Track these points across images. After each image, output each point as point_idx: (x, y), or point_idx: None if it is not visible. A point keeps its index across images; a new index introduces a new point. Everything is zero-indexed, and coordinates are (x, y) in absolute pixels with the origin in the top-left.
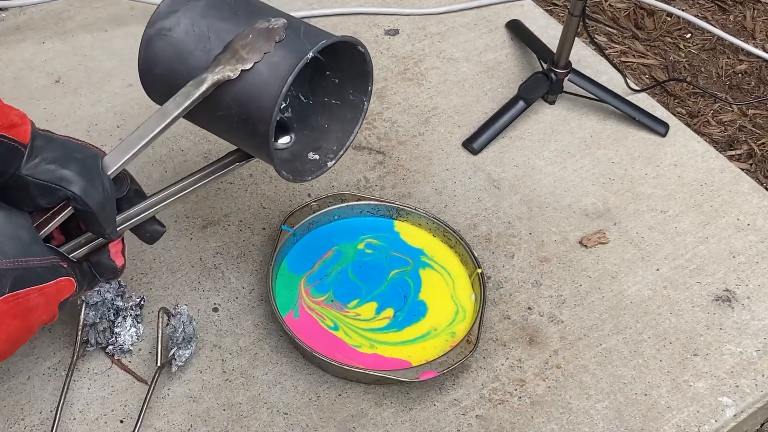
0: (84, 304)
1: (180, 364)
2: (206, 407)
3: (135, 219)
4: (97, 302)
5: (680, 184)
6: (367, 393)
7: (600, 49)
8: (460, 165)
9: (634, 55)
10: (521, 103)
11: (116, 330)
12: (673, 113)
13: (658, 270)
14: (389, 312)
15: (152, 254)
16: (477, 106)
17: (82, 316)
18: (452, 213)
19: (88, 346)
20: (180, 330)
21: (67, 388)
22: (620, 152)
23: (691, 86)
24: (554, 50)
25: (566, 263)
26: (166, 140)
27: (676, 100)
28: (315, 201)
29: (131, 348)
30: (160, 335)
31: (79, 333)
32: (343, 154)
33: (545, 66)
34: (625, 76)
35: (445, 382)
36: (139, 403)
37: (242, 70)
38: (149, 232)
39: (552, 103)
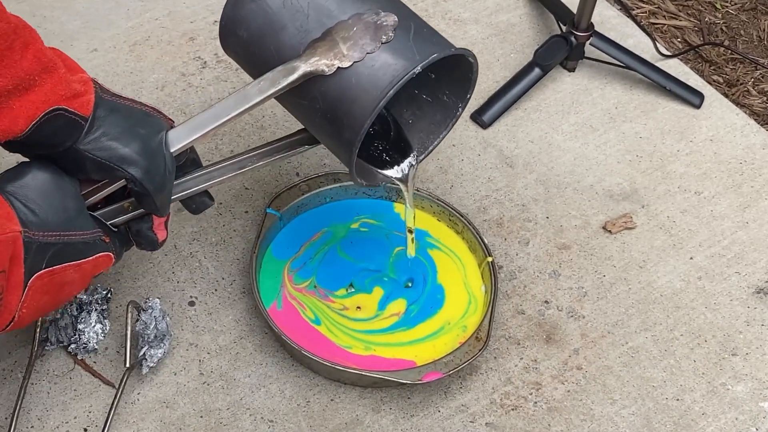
0: None
1: (151, 365)
2: (181, 414)
3: (188, 191)
4: None
5: (716, 162)
6: (362, 398)
7: (626, 10)
8: (467, 140)
9: (664, 16)
10: (537, 71)
11: (79, 326)
12: (708, 82)
13: (691, 259)
14: (399, 306)
15: None
16: (487, 74)
17: None
18: (459, 194)
19: (48, 344)
20: (151, 326)
21: (24, 393)
22: (649, 126)
23: (729, 51)
24: (574, 10)
25: (588, 251)
26: (162, 98)
27: (712, 67)
28: (304, 181)
29: (96, 347)
30: (128, 332)
31: (38, 330)
32: (423, 159)
33: (564, 28)
34: (654, 40)
35: (451, 386)
36: (105, 409)
37: (339, 67)
38: (196, 203)
39: (572, 70)
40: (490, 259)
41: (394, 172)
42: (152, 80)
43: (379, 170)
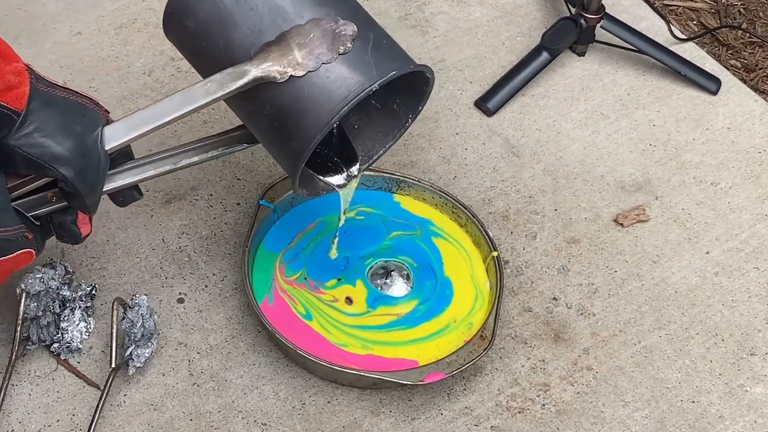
0: (24, 294)
1: (138, 365)
2: (169, 417)
3: (117, 185)
4: (39, 292)
5: (734, 151)
6: (361, 400)
7: None
8: (472, 128)
9: None
10: (545, 55)
11: (62, 325)
12: (725, 66)
13: (707, 253)
14: (408, 306)
15: (105, 234)
16: (492, 58)
17: (21, 308)
18: (463, 185)
19: (29, 344)
20: (138, 325)
21: (4, 395)
22: (663, 113)
23: (748, 34)
24: None
25: (598, 245)
26: (122, 99)
27: (730, 51)
28: None
29: (80, 346)
30: (114, 331)
31: (19, 329)
32: (365, 169)
33: (573, 10)
34: (668, 23)
35: (455, 387)
36: (89, 411)
37: (292, 75)
38: (124, 196)
39: (582, 54)
40: (495, 253)
41: (336, 180)
42: (139, 65)
43: (321, 176)
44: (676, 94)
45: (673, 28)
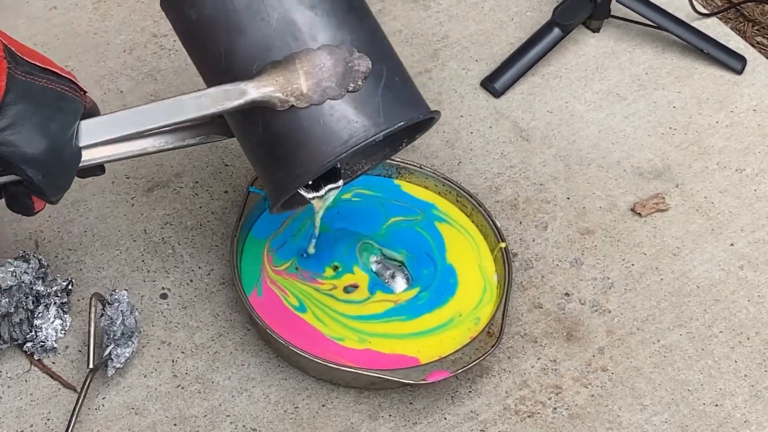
0: None
1: (118, 366)
2: (152, 421)
3: (81, 163)
4: (11, 287)
5: (761, 135)
6: (358, 403)
7: None
8: (478, 110)
9: None
10: (557, 31)
11: (36, 322)
12: (751, 44)
13: (732, 245)
14: (407, 295)
15: (82, 225)
16: (500, 35)
17: None
18: (468, 172)
19: (1, 342)
20: (118, 322)
21: None
22: (684, 94)
23: None
24: None
25: (614, 236)
26: (101, 79)
27: (756, 27)
28: None
29: (55, 345)
30: (92, 329)
31: None
32: (345, 184)
33: None
34: None
35: (459, 389)
36: (65, 416)
37: (293, 106)
38: (84, 170)
39: (596, 30)
40: (503, 245)
41: (312, 194)
42: (119, 42)
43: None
44: (698, 74)
45: (695, 2)
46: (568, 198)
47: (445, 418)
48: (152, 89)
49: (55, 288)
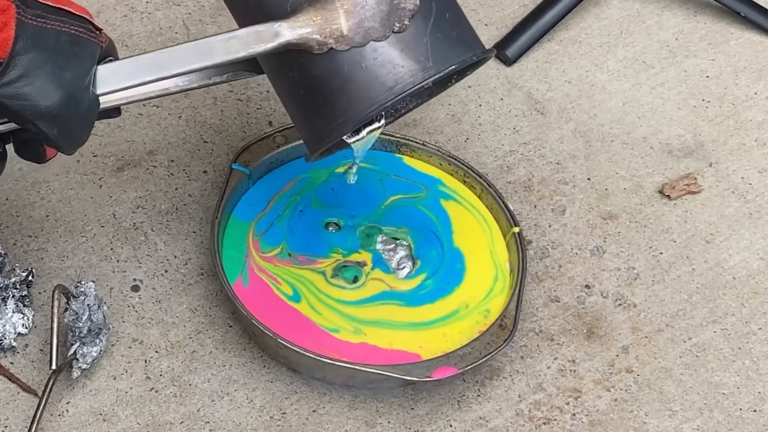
0: None
1: (84, 366)
2: (122, 429)
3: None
4: None
5: None
6: (353, 408)
7: None
8: (487, 80)
9: None
10: None
11: None
12: None
13: None
14: (413, 283)
15: (44, 208)
16: None
17: None
18: (476, 149)
19: None
20: (84, 318)
21: None
22: (718, 62)
23: None
24: None
25: (640, 222)
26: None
27: None
28: (279, 131)
29: (14, 344)
30: (55, 325)
31: None
32: (389, 124)
33: None
34: None
35: (467, 393)
36: (25, 422)
37: (332, 48)
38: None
39: None
40: (516, 230)
41: (352, 138)
42: (84, 3)
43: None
44: (735, 39)
45: None
46: (589, 179)
47: (451, 425)
48: (123, 56)
49: (13, 279)
